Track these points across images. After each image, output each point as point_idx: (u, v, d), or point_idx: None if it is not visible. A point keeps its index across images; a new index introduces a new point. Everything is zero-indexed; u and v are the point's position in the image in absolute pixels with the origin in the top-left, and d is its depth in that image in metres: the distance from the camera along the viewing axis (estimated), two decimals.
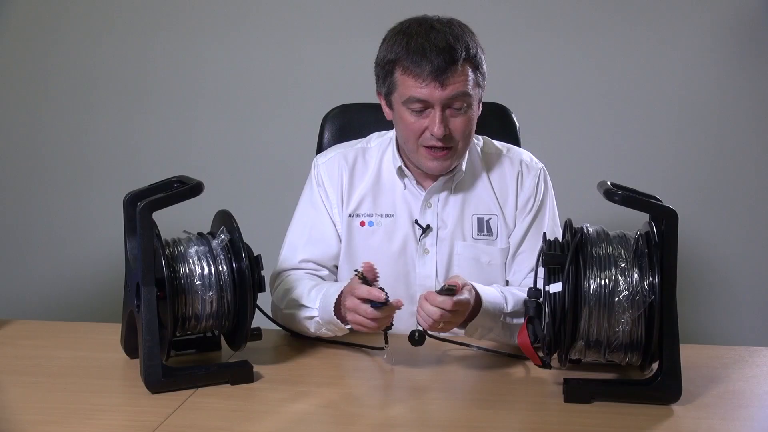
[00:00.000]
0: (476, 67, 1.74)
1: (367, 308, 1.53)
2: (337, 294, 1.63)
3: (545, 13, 2.91)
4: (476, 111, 1.78)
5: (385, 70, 1.77)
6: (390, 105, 1.80)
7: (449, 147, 1.74)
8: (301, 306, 1.70)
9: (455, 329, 1.82)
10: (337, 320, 1.64)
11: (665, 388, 1.39)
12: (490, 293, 1.67)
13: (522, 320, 1.62)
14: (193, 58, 3.05)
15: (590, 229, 1.44)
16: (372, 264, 1.58)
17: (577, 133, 2.96)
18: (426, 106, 1.71)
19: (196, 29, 3.04)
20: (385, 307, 1.51)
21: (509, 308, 1.67)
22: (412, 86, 1.70)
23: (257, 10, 3.00)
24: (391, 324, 1.58)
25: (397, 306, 1.54)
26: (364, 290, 1.53)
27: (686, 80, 2.90)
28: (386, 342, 1.61)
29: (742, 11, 2.84)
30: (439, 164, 1.77)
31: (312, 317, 1.68)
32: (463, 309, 1.56)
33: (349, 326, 1.65)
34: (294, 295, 1.73)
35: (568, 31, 2.91)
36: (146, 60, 3.07)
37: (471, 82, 1.72)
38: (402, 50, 1.72)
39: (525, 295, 1.70)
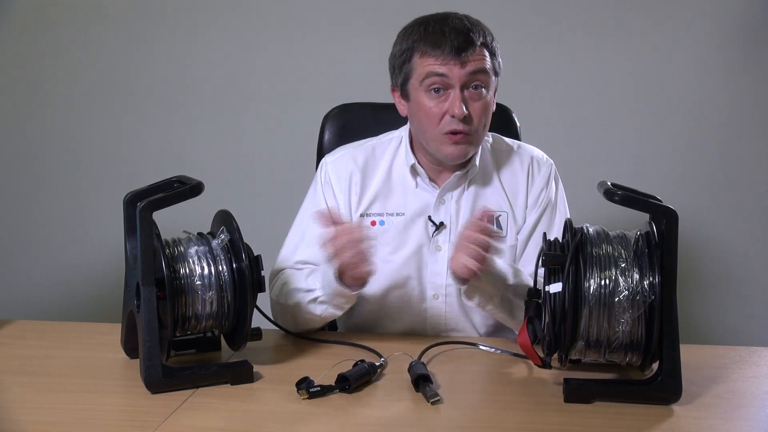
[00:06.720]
0: (493, 53, 1.74)
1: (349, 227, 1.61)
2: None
3: (546, 14, 2.91)
4: (492, 100, 1.76)
5: (401, 59, 1.75)
6: (406, 95, 1.78)
7: (468, 133, 1.73)
8: (302, 291, 1.71)
9: (456, 326, 1.82)
10: (342, 287, 1.65)
11: (665, 388, 1.39)
12: (499, 262, 1.69)
13: (522, 301, 1.65)
14: (193, 58, 3.05)
15: (590, 229, 1.44)
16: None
17: (577, 134, 2.96)
18: (445, 85, 1.70)
19: (197, 29, 3.04)
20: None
21: (513, 281, 1.69)
22: (431, 64, 1.70)
23: (257, 9, 3.00)
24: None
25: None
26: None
27: (686, 81, 2.90)
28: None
29: (741, 12, 2.84)
30: (458, 149, 1.74)
31: (316, 298, 1.70)
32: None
33: (355, 291, 1.67)
34: (293, 285, 1.74)
35: (569, 31, 2.91)
36: (146, 60, 3.07)
37: (489, 63, 1.72)
38: (419, 37, 1.72)
39: (531, 281, 1.72)
